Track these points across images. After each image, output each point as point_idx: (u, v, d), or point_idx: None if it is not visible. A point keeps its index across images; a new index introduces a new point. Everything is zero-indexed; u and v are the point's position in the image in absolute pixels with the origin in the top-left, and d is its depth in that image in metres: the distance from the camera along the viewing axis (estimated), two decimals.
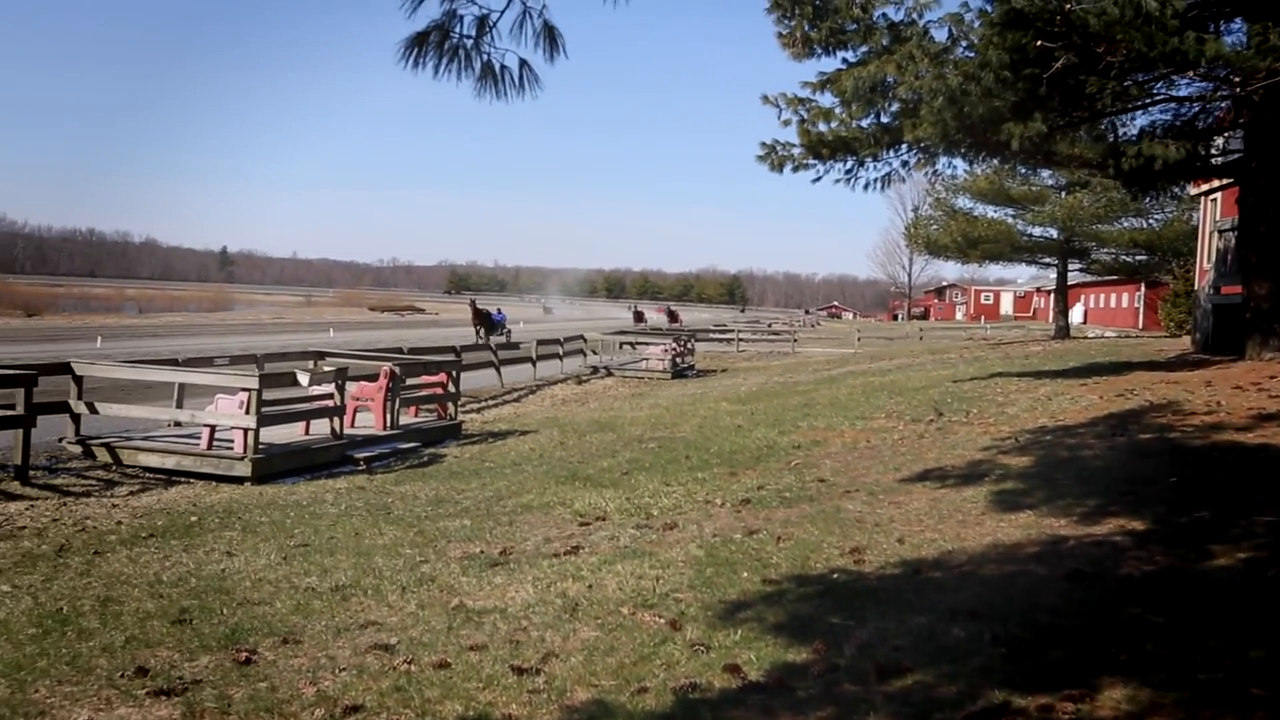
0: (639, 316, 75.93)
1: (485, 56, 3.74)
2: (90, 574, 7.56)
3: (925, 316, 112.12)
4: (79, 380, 13.22)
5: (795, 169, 16.01)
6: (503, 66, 3.80)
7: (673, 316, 78.76)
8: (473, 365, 22.43)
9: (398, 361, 16.51)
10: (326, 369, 14.21)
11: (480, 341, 35.34)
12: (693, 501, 9.27)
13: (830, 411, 15.68)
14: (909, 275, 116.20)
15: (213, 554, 8.16)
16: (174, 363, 14.58)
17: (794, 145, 15.77)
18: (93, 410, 13.10)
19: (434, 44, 3.65)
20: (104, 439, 13.16)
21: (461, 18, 3.70)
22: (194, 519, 10.02)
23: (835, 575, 6.12)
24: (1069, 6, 10.77)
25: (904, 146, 15.32)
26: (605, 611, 5.91)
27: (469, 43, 3.71)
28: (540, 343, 28.63)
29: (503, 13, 3.72)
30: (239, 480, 12.24)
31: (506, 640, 5.53)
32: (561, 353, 29.89)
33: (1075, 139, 15.89)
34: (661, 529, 8.07)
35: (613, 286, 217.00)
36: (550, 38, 3.83)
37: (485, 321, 43.67)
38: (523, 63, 3.83)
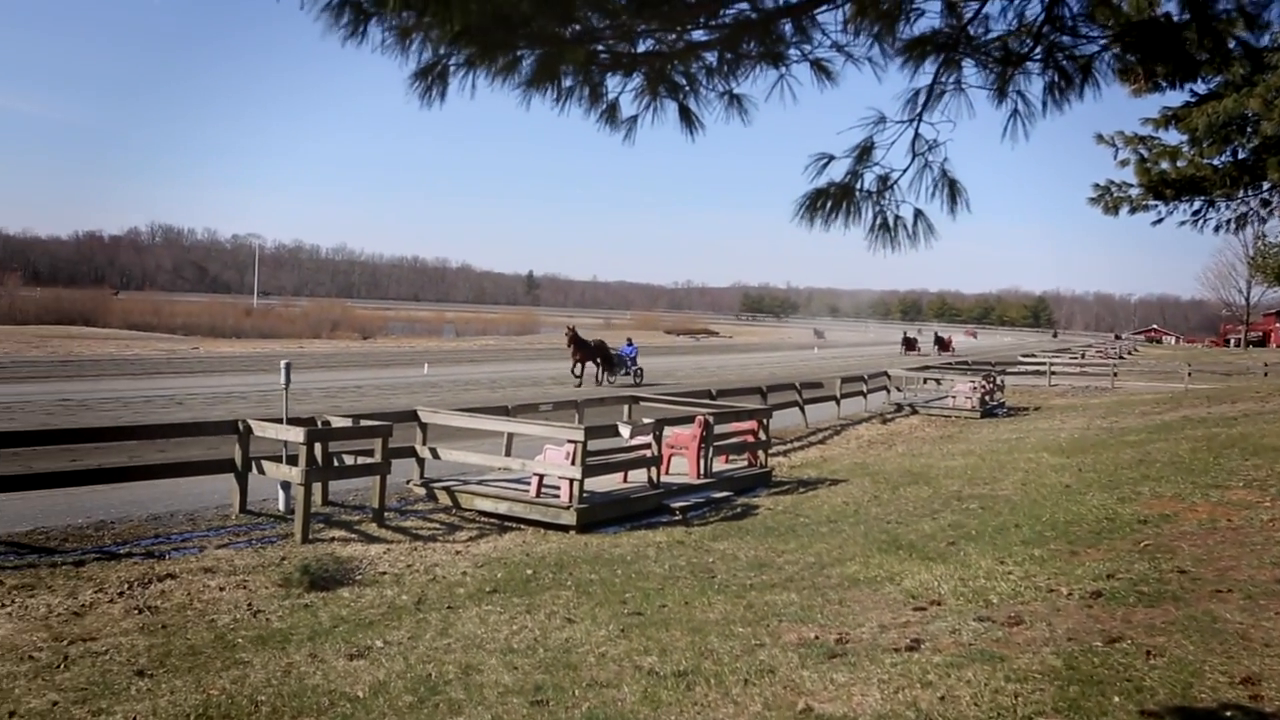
0: (910, 344, 72.79)
1: (879, 208, 3.66)
2: (448, 633, 8.07)
3: (1264, 342, 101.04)
4: (424, 427, 14.30)
5: (1133, 210, 14.90)
6: (896, 217, 3.70)
7: (944, 344, 74.40)
8: (778, 405, 22.39)
9: (711, 410, 16.74)
10: (645, 421, 14.60)
11: (576, 381, 34.46)
12: (1034, 588, 8.70)
13: (1173, 474, 14.36)
14: (1247, 299, 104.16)
15: (554, 618, 8.50)
16: (504, 410, 15.49)
17: (1131, 186, 14.69)
18: (435, 456, 14.12)
19: (833, 197, 3.60)
20: (444, 482, 14.15)
21: (862, 175, 3.64)
22: (529, 571, 10.53)
23: (1229, 714, 5.50)
24: None
25: (1265, 185, 13.86)
26: None
27: (869, 198, 3.64)
28: (845, 380, 28.19)
29: (904, 171, 3.64)
30: (564, 528, 12.78)
31: None
32: (865, 390, 29.31)
33: None
34: (1006, 624, 7.61)
35: (908, 308, 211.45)
36: (951, 190, 3.69)
37: (595, 353, 36.44)
38: (917, 213, 3.71)
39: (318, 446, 12.35)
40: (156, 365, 40.77)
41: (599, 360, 36.18)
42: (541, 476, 13.49)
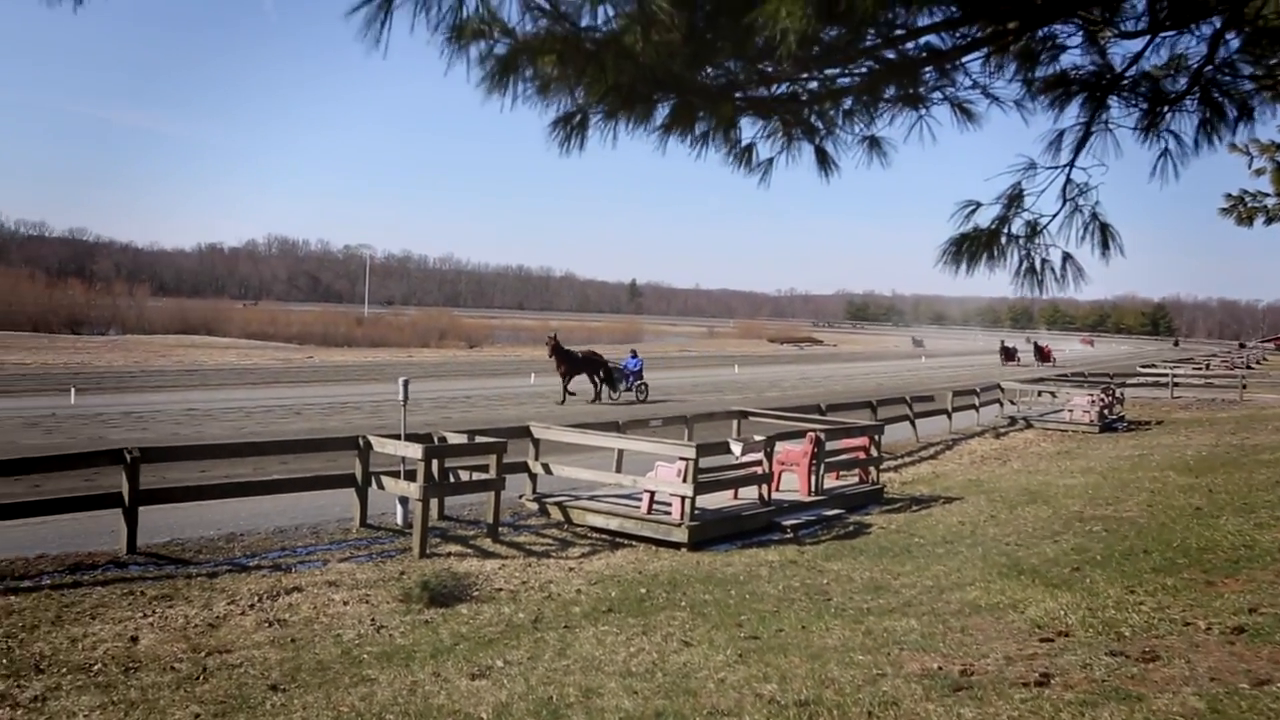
0: (1008, 354, 69.64)
1: (1025, 252, 3.58)
2: (566, 654, 8.14)
3: None
4: (536, 443, 14.48)
5: (1269, 221, 14.24)
6: (1044, 261, 3.61)
7: (1044, 355, 70.56)
8: (888, 420, 22.02)
9: (821, 425, 16.57)
10: (757, 437, 14.52)
11: (566, 395, 31.40)
12: (1168, 621, 8.38)
13: None
14: None
15: (670, 640, 8.51)
16: (615, 426, 15.58)
17: (1268, 195, 14.03)
18: (547, 471, 14.28)
19: (979, 243, 3.53)
20: (556, 497, 14.30)
21: (1010, 220, 3.56)
22: (643, 590, 10.56)
23: None
24: None
25: None
26: None
27: (1015, 242, 3.56)
28: (956, 393, 27.61)
29: (1054, 216, 3.55)
30: (676, 546, 12.79)
31: None
32: (977, 403, 28.65)
33: None
34: (1140, 660, 7.34)
35: (1018, 316, 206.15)
36: (1103, 234, 3.59)
37: (586, 366, 32.67)
38: (1066, 257, 3.62)
39: (434, 462, 12.60)
40: (274, 375, 42.14)
41: (598, 375, 32.51)
42: (653, 493, 13.52)
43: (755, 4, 2.69)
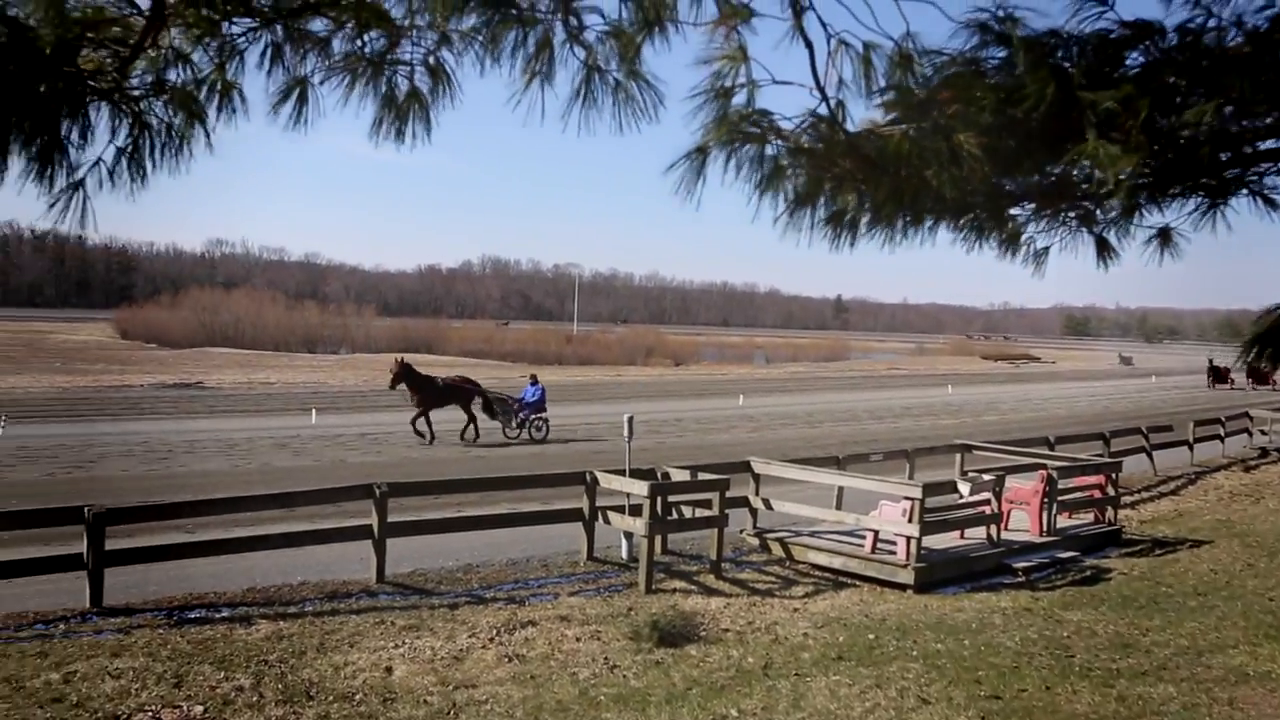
0: (1219, 375, 58.71)
1: None
2: (801, 706, 8.10)
3: None
4: (757, 478, 14.48)
5: None
6: None
7: (1260, 377, 53.91)
8: (1123, 452, 20.80)
9: (1052, 461, 15.86)
10: (985, 476, 14.04)
11: (423, 437, 25.05)
12: None
13: None
14: None
15: (907, 696, 8.32)
16: (835, 461, 15.39)
17: None
18: (768, 506, 14.25)
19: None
20: (776, 533, 14.25)
21: None
22: (871, 636, 10.38)
23: None
24: None
25: None
26: None
27: None
28: (1199, 422, 25.78)
29: None
30: (901, 587, 12.50)
31: None
32: (1223, 432, 26.66)
33: None
34: None
35: None
36: None
37: (454, 396, 26.48)
38: None
39: (658, 498, 12.79)
40: None
41: (471, 406, 26.49)
42: (876, 532, 13.28)
43: (1065, 143, 2.63)
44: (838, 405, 41.40)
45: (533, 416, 27.07)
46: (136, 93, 2.95)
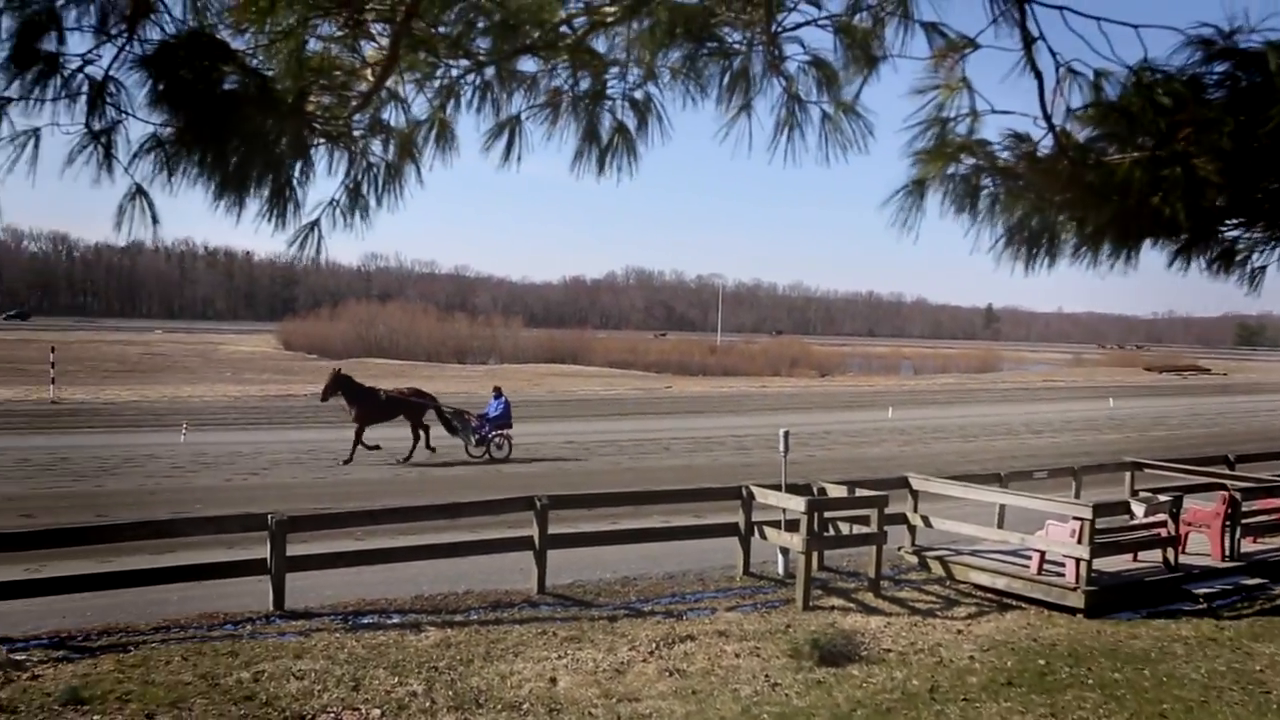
0: None
1: None
2: None
3: None
4: (915, 494, 14.17)
5: None
6: None
7: None
8: None
9: (1234, 481, 15.00)
10: (1161, 497, 13.38)
11: (360, 445, 22.70)
12: None
13: None
14: None
15: None
16: (997, 478, 14.91)
17: None
18: (927, 524, 13.92)
19: None
20: (936, 551, 13.90)
21: None
22: (1041, 662, 10.02)
23: None
24: None
25: None
26: None
27: None
28: None
29: None
30: (1070, 611, 12.02)
31: None
32: None
33: None
34: None
35: None
36: None
37: (400, 409, 24.02)
38: None
39: (815, 514, 12.65)
40: (638, 405, 44.20)
41: (421, 421, 24.24)
42: (1043, 553, 12.81)
43: None
44: (992, 418, 40.16)
45: (494, 433, 24.71)
46: (357, 133, 3.11)
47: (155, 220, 2.84)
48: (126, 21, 2.64)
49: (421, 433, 24.00)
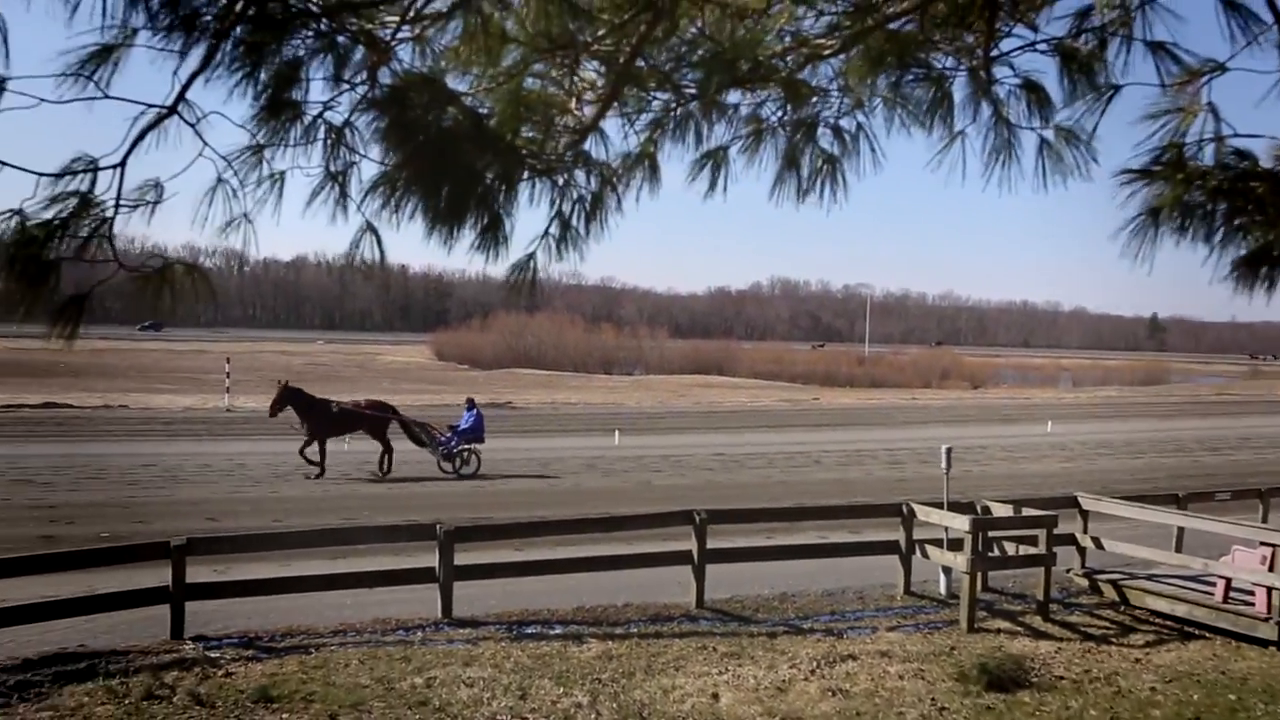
0: None
1: None
2: None
3: None
4: (1084, 515, 13.62)
5: None
6: None
7: None
8: None
9: None
10: None
11: (316, 470, 21.68)
12: None
13: None
14: None
15: None
16: (1174, 499, 14.20)
17: None
18: (1098, 546, 13.35)
19: None
20: (1109, 574, 13.32)
21: None
22: (1232, 697, 9.49)
23: None
24: None
25: None
26: None
27: None
28: None
29: None
30: (1262, 643, 11.32)
31: None
32: None
33: None
34: None
35: None
36: None
37: (344, 421, 22.78)
38: None
39: (979, 534, 12.30)
40: (785, 418, 43.84)
41: (383, 434, 23.03)
42: (1228, 580, 12.13)
43: None
44: (1161, 434, 38.26)
45: (459, 448, 23.25)
46: (562, 166, 3.20)
47: (383, 255, 3.00)
48: (369, 70, 2.80)
49: (387, 444, 22.81)
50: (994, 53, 2.92)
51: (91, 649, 9.61)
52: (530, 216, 3.33)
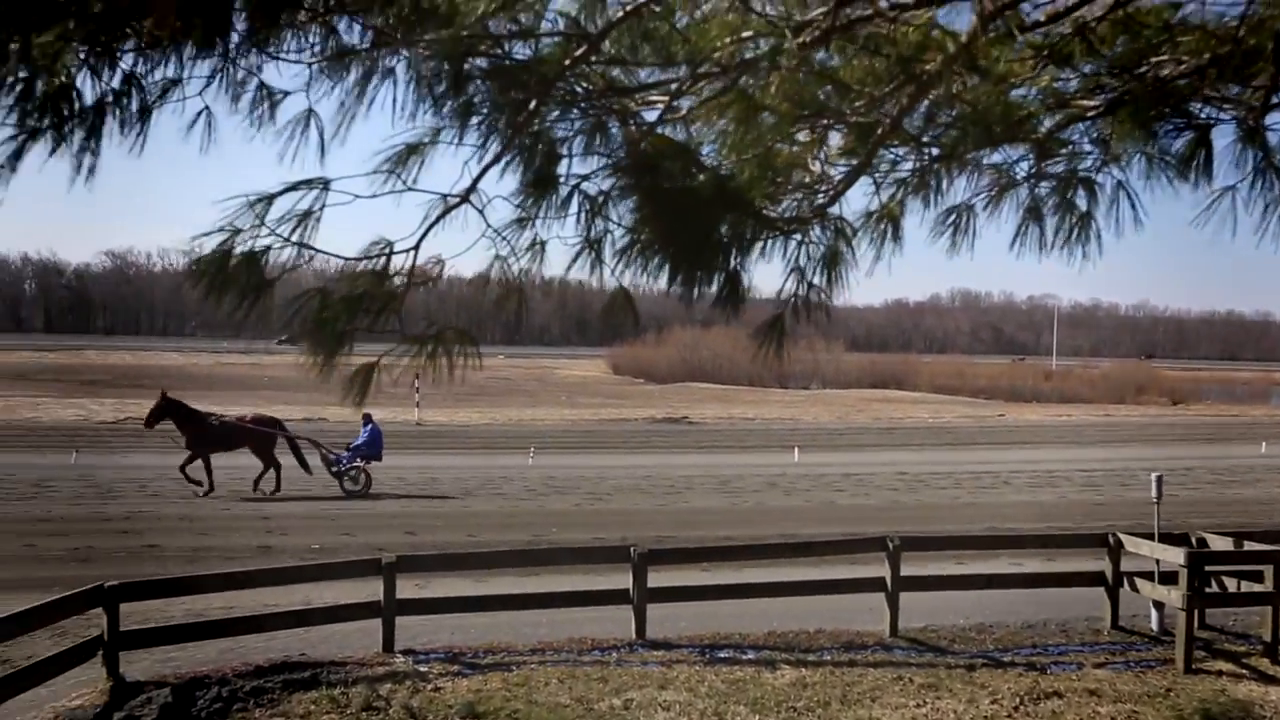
0: None
1: None
2: None
3: None
4: None
5: None
6: None
7: None
8: None
9: None
10: None
11: (196, 480, 20.56)
12: None
13: None
14: None
15: None
16: None
17: None
18: None
19: None
20: None
21: None
22: None
23: None
24: None
25: None
26: None
27: None
28: None
29: None
30: None
31: None
32: None
33: None
34: None
35: None
36: None
37: (228, 437, 21.62)
38: None
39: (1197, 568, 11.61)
40: (969, 435, 42.54)
41: (267, 450, 21.70)
42: None
43: None
44: None
45: (349, 466, 21.90)
46: (799, 227, 3.25)
47: (637, 320, 3.13)
48: (629, 145, 2.93)
49: (272, 460, 21.72)
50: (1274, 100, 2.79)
51: (313, 659, 10.19)
52: (763, 271, 3.39)
